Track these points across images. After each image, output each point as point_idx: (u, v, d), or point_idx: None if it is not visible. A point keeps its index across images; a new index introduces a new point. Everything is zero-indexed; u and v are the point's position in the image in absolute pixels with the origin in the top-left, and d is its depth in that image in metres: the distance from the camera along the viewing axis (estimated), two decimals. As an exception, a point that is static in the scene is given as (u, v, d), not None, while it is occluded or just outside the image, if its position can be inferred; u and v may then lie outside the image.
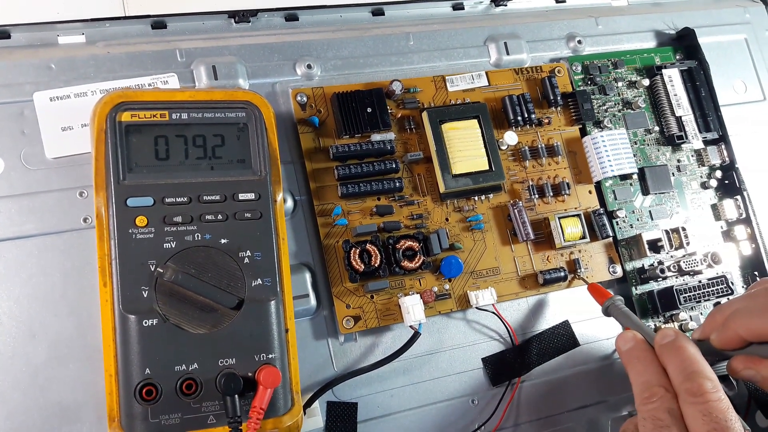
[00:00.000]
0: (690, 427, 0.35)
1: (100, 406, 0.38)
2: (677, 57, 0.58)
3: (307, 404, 0.42)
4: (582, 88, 0.54)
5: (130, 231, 0.38)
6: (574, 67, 0.55)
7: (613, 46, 0.57)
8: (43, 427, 0.39)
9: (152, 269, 0.38)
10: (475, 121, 0.49)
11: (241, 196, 0.41)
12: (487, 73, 0.52)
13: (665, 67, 0.56)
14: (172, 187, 0.39)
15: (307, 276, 0.45)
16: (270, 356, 0.38)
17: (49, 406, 0.39)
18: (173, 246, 0.39)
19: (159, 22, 0.47)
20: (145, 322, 0.37)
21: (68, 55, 0.44)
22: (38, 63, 0.44)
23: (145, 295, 0.37)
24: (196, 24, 0.48)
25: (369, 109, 0.47)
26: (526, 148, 0.51)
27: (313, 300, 0.45)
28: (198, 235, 0.39)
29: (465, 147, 0.48)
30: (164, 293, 0.38)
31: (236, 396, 0.36)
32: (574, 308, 0.50)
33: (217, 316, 0.38)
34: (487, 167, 0.49)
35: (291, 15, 0.50)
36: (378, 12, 0.52)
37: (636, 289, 0.51)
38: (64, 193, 0.42)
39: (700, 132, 0.55)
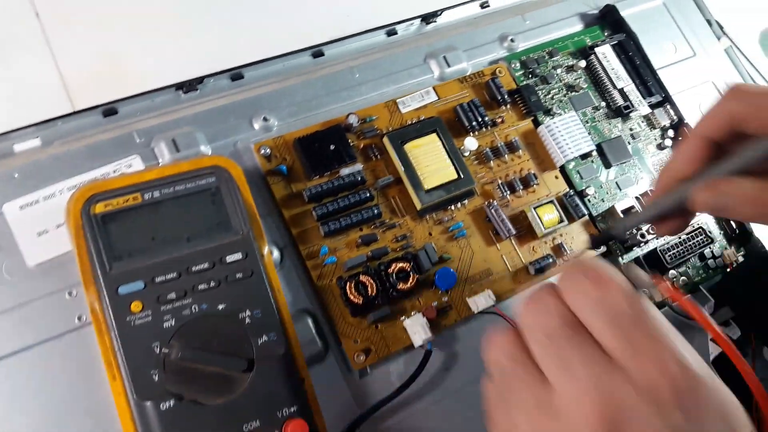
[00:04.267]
0: None
1: (135, 499, 0.38)
2: (606, 34, 0.61)
3: (339, 447, 0.42)
4: (525, 82, 0.56)
5: (128, 318, 0.38)
6: (512, 65, 0.57)
7: (544, 37, 0.60)
8: None
9: (157, 351, 0.38)
10: (434, 135, 0.51)
11: (229, 258, 0.41)
12: (434, 88, 0.54)
13: (597, 46, 0.58)
14: (159, 266, 0.40)
15: (309, 321, 0.45)
16: (292, 409, 0.39)
17: None
18: (173, 324, 0.39)
19: (109, 110, 0.47)
20: (162, 406, 0.37)
21: (28, 161, 0.44)
22: (0, 175, 0.44)
23: (156, 379, 0.37)
24: (146, 103, 0.49)
25: (332, 146, 0.48)
26: (488, 149, 0.53)
27: (320, 344, 0.45)
28: (195, 307, 0.39)
29: (431, 161, 0.50)
30: (174, 372, 0.38)
31: (269, 456, 0.36)
32: (570, 291, 0.51)
33: (232, 382, 0.38)
34: (456, 176, 0.50)
35: (236, 74, 0.51)
36: (318, 54, 0.54)
37: (622, 258, 0.53)
38: (53, 296, 0.42)
39: (644, 98, 0.58)
